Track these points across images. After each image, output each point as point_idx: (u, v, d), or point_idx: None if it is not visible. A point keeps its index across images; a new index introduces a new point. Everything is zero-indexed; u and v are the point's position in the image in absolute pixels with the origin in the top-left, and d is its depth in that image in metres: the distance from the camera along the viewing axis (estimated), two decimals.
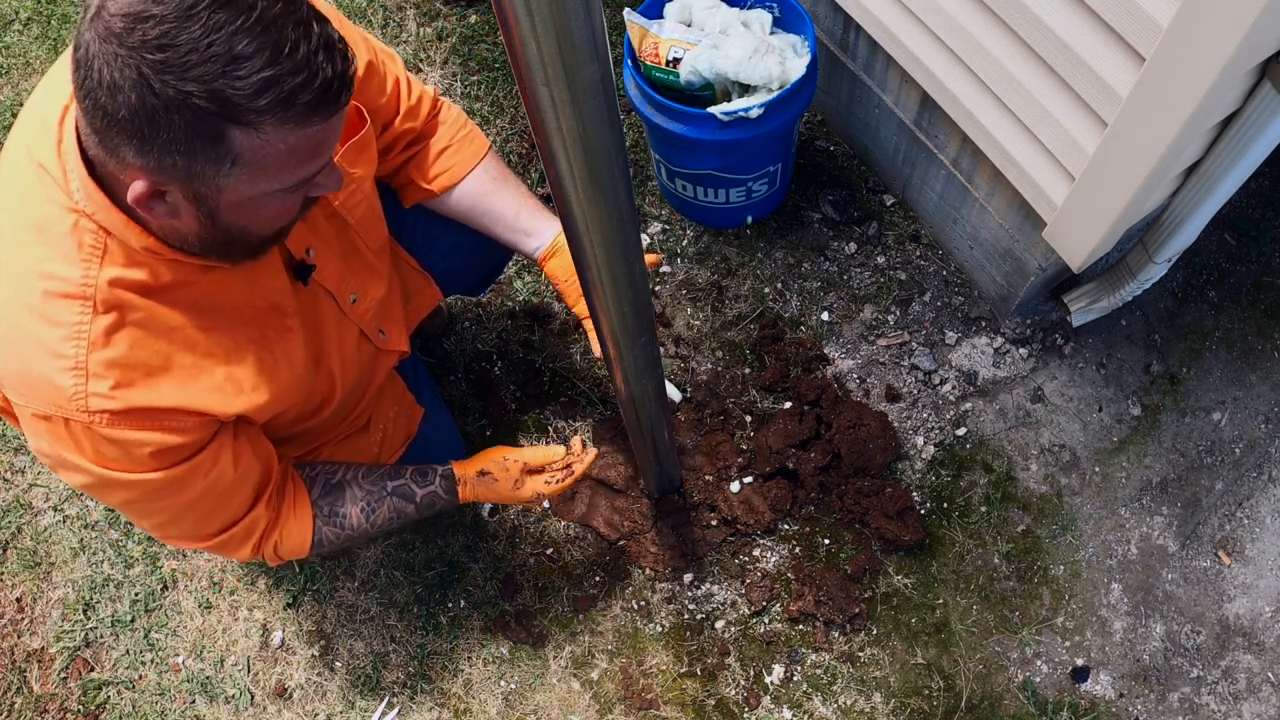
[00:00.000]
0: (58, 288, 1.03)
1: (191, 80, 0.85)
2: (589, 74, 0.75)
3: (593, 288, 1.12)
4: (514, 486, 1.54)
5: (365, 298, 1.41)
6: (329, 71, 0.91)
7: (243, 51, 0.86)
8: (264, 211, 1.02)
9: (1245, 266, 2.19)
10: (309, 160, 0.98)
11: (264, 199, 1.00)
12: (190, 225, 1.01)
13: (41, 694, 2.00)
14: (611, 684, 1.91)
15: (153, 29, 0.84)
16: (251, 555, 1.37)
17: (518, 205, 1.59)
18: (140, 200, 0.94)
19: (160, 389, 1.10)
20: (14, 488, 2.19)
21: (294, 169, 0.98)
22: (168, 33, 0.84)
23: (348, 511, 1.45)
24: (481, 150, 1.57)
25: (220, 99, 0.87)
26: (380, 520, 1.49)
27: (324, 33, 0.91)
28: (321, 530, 1.43)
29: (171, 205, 0.97)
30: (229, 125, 0.89)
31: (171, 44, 0.84)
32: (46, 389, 1.05)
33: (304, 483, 1.44)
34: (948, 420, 2.08)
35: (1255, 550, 1.96)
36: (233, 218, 1.01)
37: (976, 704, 1.86)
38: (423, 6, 2.68)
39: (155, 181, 0.93)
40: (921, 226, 2.28)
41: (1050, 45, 1.46)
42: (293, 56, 0.88)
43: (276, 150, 0.93)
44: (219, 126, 0.89)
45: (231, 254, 1.09)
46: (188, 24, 0.84)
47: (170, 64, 0.85)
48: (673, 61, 1.93)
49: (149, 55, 0.84)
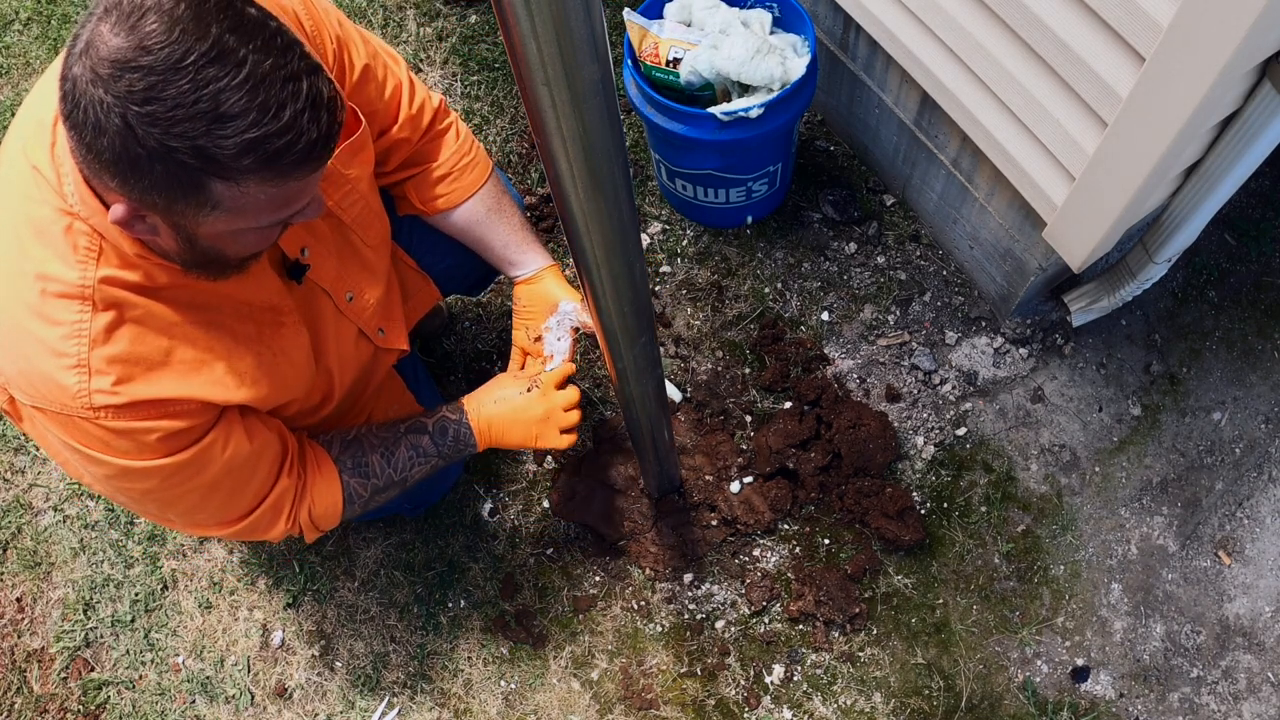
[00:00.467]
0: (56, 288, 1.04)
1: (176, 135, 0.85)
2: (589, 74, 0.75)
3: (593, 288, 1.12)
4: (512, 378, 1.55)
5: (362, 296, 1.41)
6: (314, 133, 0.92)
7: (229, 110, 0.86)
8: (242, 241, 1.04)
9: (1245, 266, 2.19)
10: (289, 205, 1.00)
11: (244, 233, 1.01)
12: (170, 245, 1.02)
13: (41, 694, 2.00)
14: (611, 684, 1.91)
15: (140, 80, 0.84)
16: (286, 530, 1.36)
17: (506, 238, 1.60)
18: (121, 221, 0.95)
19: (161, 382, 1.11)
20: (14, 488, 2.19)
21: (273, 213, 0.99)
22: (155, 85, 0.84)
23: (369, 460, 1.44)
24: (479, 181, 1.57)
25: (203, 155, 0.87)
26: (401, 462, 1.47)
27: (313, 87, 0.91)
28: (349, 484, 1.42)
29: (151, 226, 0.98)
30: (210, 178, 0.90)
31: (158, 97, 0.84)
32: (50, 387, 1.06)
33: (323, 446, 1.43)
34: (948, 420, 2.08)
35: (1255, 550, 1.96)
36: (210, 244, 1.02)
37: (976, 704, 1.86)
38: (423, 6, 2.68)
39: (135, 208, 0.94)
40: (921, 226, 2.28)
41: (1050, 45, 1.46)
42: (279, 118, 0.88)
43: (257, 199, 0.94)
44: (201, 178, 0.90)
45: (212, 272, 1.10)
46: (176, 78, 0.84)
47: (156, 117, 0.84)
48: (673, 62, 1.93)
49: (134, 106, 0.84)
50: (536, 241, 1.63)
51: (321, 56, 1.24)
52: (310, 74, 0.91)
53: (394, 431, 1.48)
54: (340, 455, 1.43)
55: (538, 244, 1.63)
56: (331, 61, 1.27)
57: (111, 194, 0.94)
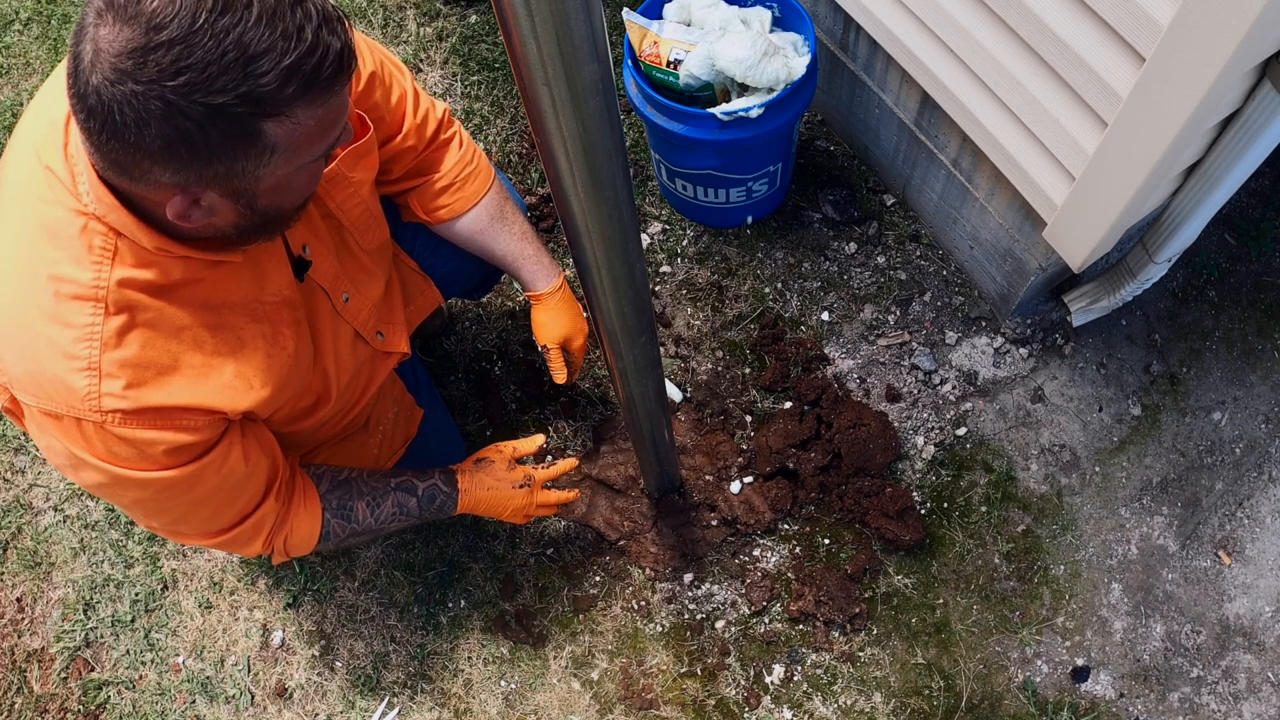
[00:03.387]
0: (69, 290, 1.04)
1: (218, 91, 0.87)
2: (589, 74, 0.75)
3: (593, 288, 1.12)
4: (509, 468, 1.62)
5: (359, 298, 1.42)
6: (337, 43, 0.94)
7: (257, 49, 0.87)
8: (297, 185, 1.06)
9: (1245, 266, 2.19)
10: (334, 126, 1.02)
11: (297, 173, 1.03)
12: (228, 218, 1.03)
13: (41, 694, 2.00)
14: (612, 684, 1.91)
15: (164, 56, 0.84)
16: (261, 550, 1.38)
17: (507, 248, 1.62)
18: (179, 214, 0.97)
19: (171, 387, 1.11)
20: (14, 488, 2.19)
21: (323, 138, 1.01)
22: (180, 55, 0.85)
23: (354, 505, 1.47)
24: (481, 191, 1.58)
25: (251, 99, 0.89)
26: (385, 515, 1.51)
27: (319, 5, 0.93)
28: (330, 523, 1.44)
29: (207, 208, 0.99)
30: (262, 120, 0.91)
31: (188, 64, 0.85)
32: (59, 389, 1.06)
33: (312, 479, 1.45)
34: (948, 420, 2.08)
35: (1255, 550, 1.96)
36: (270, 200, 1.04)
37: (977, 704, 1.86)
38: (423, 6, 2.68)
39: (192, 193, 0.96)
40: (922, 226, 2.28)
41: (1050, 45, 1.46)
42: (304, 39, 0.90)
43: (308, 128, 0.96)
44: (254, 125, 0.91)
45: (266, 232, 1.12)
46: (196, 40, 0.85)
47: (194, 84, 0.86)
48: (673, 63, 1.93)
49: (169, 82, 0.85)
50: (541, 252, 1.65)
51: None
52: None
53: (384, 484, 1.52)
54: (328, 493, 1.45)
55: (543, 255, 1.65)
56: None
57: (162, 190, 0.95)
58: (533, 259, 1.63)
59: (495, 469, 1.62)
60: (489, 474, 1.61)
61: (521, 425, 2.16)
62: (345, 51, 0.95)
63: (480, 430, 2.15)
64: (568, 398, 2.17)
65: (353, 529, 1.48)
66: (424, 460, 1.75)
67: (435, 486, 1.56)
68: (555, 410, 2.16)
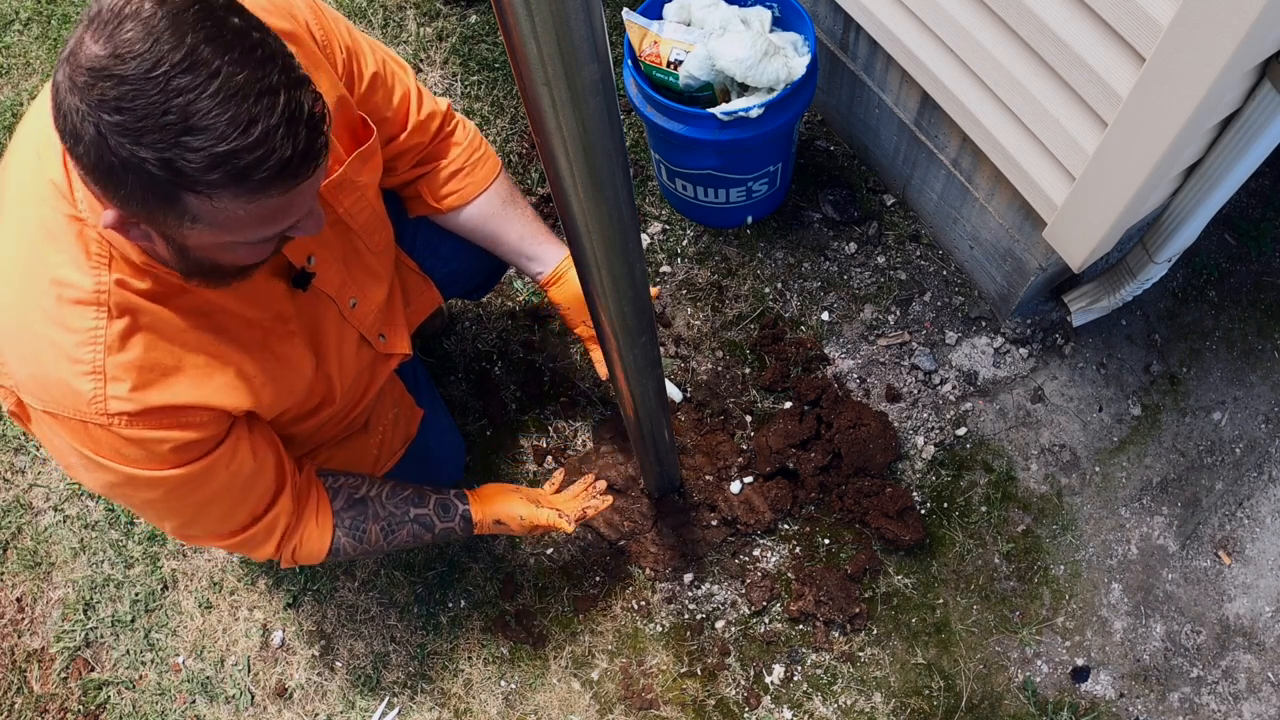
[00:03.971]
0: (71, 294, 1.04)
1: (144, 145, 0.83)
2: (589, 74, 0.75)
3: (593, 288, 1.12)
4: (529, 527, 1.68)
5: (365, 301, 1.42)
6: (288, 150, 0.88)
7: (197, 123, 0.83)
8: (235, 253, 1.02)
9: (1245, 266, 2.18)
10: (274, 221, 0.97)
11: (234, 246, 0.99)
12: (164, 253, 1.01)
13: (41, 694, 2.00)
14: (612, 684, 1.91)
15: (112, 89, 0.82)
16: (272, 554, 1.38)
17: (521, 230, 1.61)
18: (113, 227, 0.93)
19: (176, 388, 1.11)
20: (14, 488, 2.19)
21: (259, 228, 0.96)
22: (125, 95, 0.82)
23: (368, 528, 1.48)
24: (491, 175, 1.58)
25: (170, 168, 0.85)
26: (398, 542, 1.52)
27: (292, 101, 0.88)
28: (341, 540, 1.45)
29: (144, 232, 0.96)
30: (182, 191, 0.88)
31: (128, 107, 0.82)
32: (64, 393, 1.06)
33: (328, 492, 1.45)
34: (948, 420, 2.08)
35: (1255, 550, 1.96)
36: (203, 255, 1.00)
37: (977, 704, 1.86)
38: (423, 6, 2.68)
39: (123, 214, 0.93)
40: (922, 226, 2.28)
41: (1050, 45, 1.46)
42: (249, 133, 0.85)
43: (237, 215, 0.92)
44: (173, 190, 0.87)
45: (211, 281, 1.08)
46: (146, 87, 0.82)
47: (126, 127, 0.83)
48: (674, 64, 1.93)
49: (106, 115, 0.83)
50: (549, 232, 1.65)
51: (332, 65, 1.25)
52: (292, 88, 0.88)
53: (403, 512, 1.52)
54: (341, 510, 1.45)
55: (551, 234, 1.65)
56: (341, 70, 1.27)
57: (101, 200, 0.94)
58: (545, 236, 1.63)
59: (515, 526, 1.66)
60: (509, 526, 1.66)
61: (521, 425, 2.16)
62: (294, 160, 0.89)
63: (480, 430, 2.15)
64: (568, 398, 2.17)
65: (364, 549, 1.49)
66: (423, 459, 1.75)
67: (453, 529, 1.59)
68: (555, 410, 2.16)
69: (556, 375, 2.19)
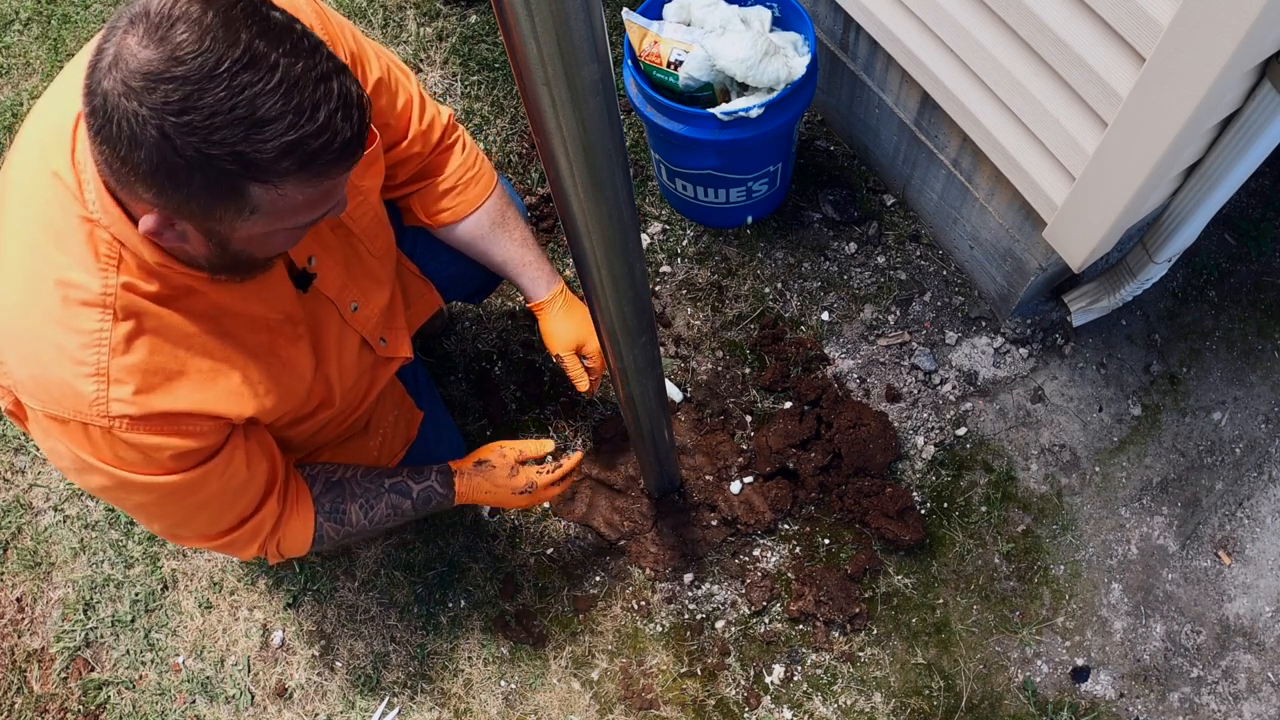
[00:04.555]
0: (77, 295, 1.04)
1: (214, 143, 0.86)
2: (589, 74, 0.75)
3: (593, 288, 1.12)
4: (510, 474, 1.58)
5: (367, 305, 1.42)
6: (348, 131, 0.93)
7: (266, 115, 0.86)
8: (274, 242, 1.05)
9: (1245, 266, 2.18)
10: (323, 204, 1.01)
11: (276, 233, 1.02)
12: (199, 250, 1.03)
13: (41, 694, 2.00)
14: (612, 684, 1.91)
15: (175, 91, 0.84)
16: (257, 553, 1.38)
17: (506, 254, 1.61)
18: (151, 231, 0.96)
19: (178, 393, 1.11)
20: (14, 488, 2.19)
21: (308, 213, 1.00)
22: (190, 95, 0.84)
23: (347, 508, 1.47)
24: (482, 195, 1.57)
25: (243, 160, 0.88)
26: (378, 516, 1.50)
27: (344, 88, 0.92)
28: (323, 526, 1.44)
29: (180, 233, 0.98)
30: (250, 182, 0.91)
31: (195, 106, 0.84)
32: (66, 394, 1.06)
33: (305, 481, 1.45)
34: (948, 420, 2.08)
35: (1255, 550, 1.96)
36: (243, 247, 1.03)
37: (977, 704, 1.86)
38: (423, 6, 2.68)
39: (168, 217, 0.95)
40: (922, 226, 2.28)
41: (1050, 45, 1.46)
42: (314, 119, 0.89)
43: (295, 201, 0.96)
44: (240, 183, 0.91)
45: (238, 273, 1.11)
46: (211, 86, 0.84)
47: (194, 126, 0.85)
48: (674, 64, 1.93)
49: (171, 117, 0.84)
50: (542, 259, 1.64)
51: None
52: (339, 74, 0.92)
53: (378, 485, 1.51)
54: (320, 495, 1.45)
55: (542, 261, 1.64)
56: None
57: (142, 205, 0.95)
58: (533, 266, 1.62)
59: (495, 474, 1.59)
60: (487, 479, 1.58)
61: (521, 425, 2.16)
62: (353, 141, 0.94)
63: (480, 430, 2.15)
64: (568, 398, 2.17)
65: (346, 531, 1.48)
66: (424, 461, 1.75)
67: (431, 489, 1.55)
68: (555, 410, 2.16)
69: (556, 375, 2.19)
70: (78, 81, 0.92)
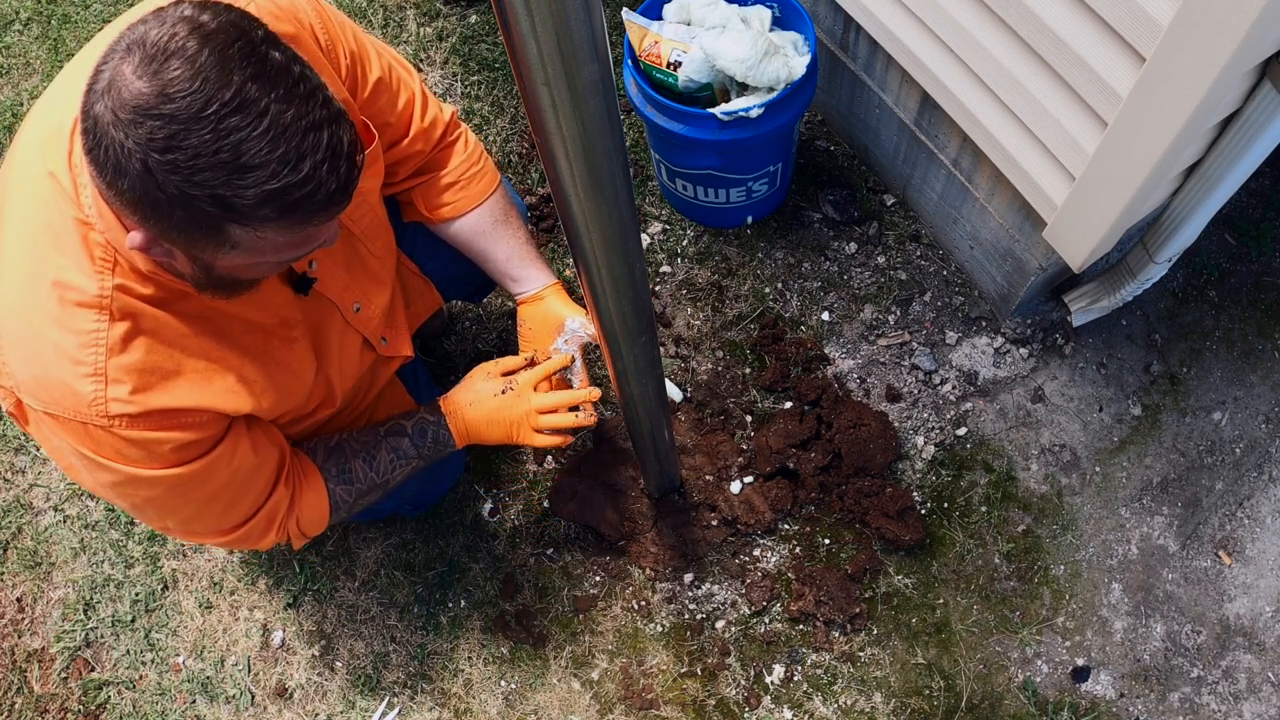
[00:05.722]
0: (74, 296, 1.05)
1: (196, 184, 0.86)
2: (589, 74, 0.75)
3: (593, 288, 1.12)
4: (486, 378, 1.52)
5: (369, 306, 1.42)
6: (333, 184, 0.92)
7: (249, 162, 0.86)
8: (259, 269, 1.06)
9: (1245, 266, 2.18)
10: (307, 244, 1.02)
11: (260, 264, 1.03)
12: (185, 269, 1.03)
13: (42, 694, 2.00)
14: (612, 684, 1.91)
15: (161, 128, 0.84)
16: (275, 540, 1.38)
17: (509, 250, 1.59)
18: (139, 248, 0.96)
19: (176, 391, 1.12)
20: (14, 488, 2.19)
21: (292, 251, 1.01)
22: (176, 134, 0.84)
23: (351, 465, 1.45)
24: (485, 192, 1.57)
25: (222, 204, 0.88)
26: (382, 465, 1.48)
27: (334, 137, 0.91)
28: (335, 491, 1.43)
29: (168, 250, 0.99)
30: (229, 223, 0.91)
31: (179, 146, 0.84)
32: (65, 394, 1.06)
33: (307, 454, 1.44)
34: (948, 420, 2.08)
35: (1256, 550, 1.96)
36: (226, 272, 1.04)
37: (977, 704, 1.86)
38: (423, 6, 2.68)
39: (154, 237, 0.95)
40: (922, 226, 2.28)
41: (1050, 45, 1.46)
42: (299, 169, 0.89)
43: (276, 242, 0.96)
44: (220, 223, 0.91)
45: (225, 293, 1.11)
46: (197, 127, 0.84)
47: (177, 165, 0.85)
48: (673, 64, 1.93)
49: (155, 154, 0.85)
50: (540, 258, 1.63)
51: (335, 69, 1.25)
52: (332, 123, 0.91)
53: (374, 435, 1.49)
54: (325, 463, 1.44)
55: (541, 261, 1.63)
56: (345, 75, 1.28)
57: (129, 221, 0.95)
58: (532, 262, 1.62)
59: (473, 382, 1.53)
60: (466, 389, 1.52)
61: None
62: (338, 193, 0.94)
63: None
64: None
65: (358, 489, 1.45)
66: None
67: (422, 419, 1.50)
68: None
69: None
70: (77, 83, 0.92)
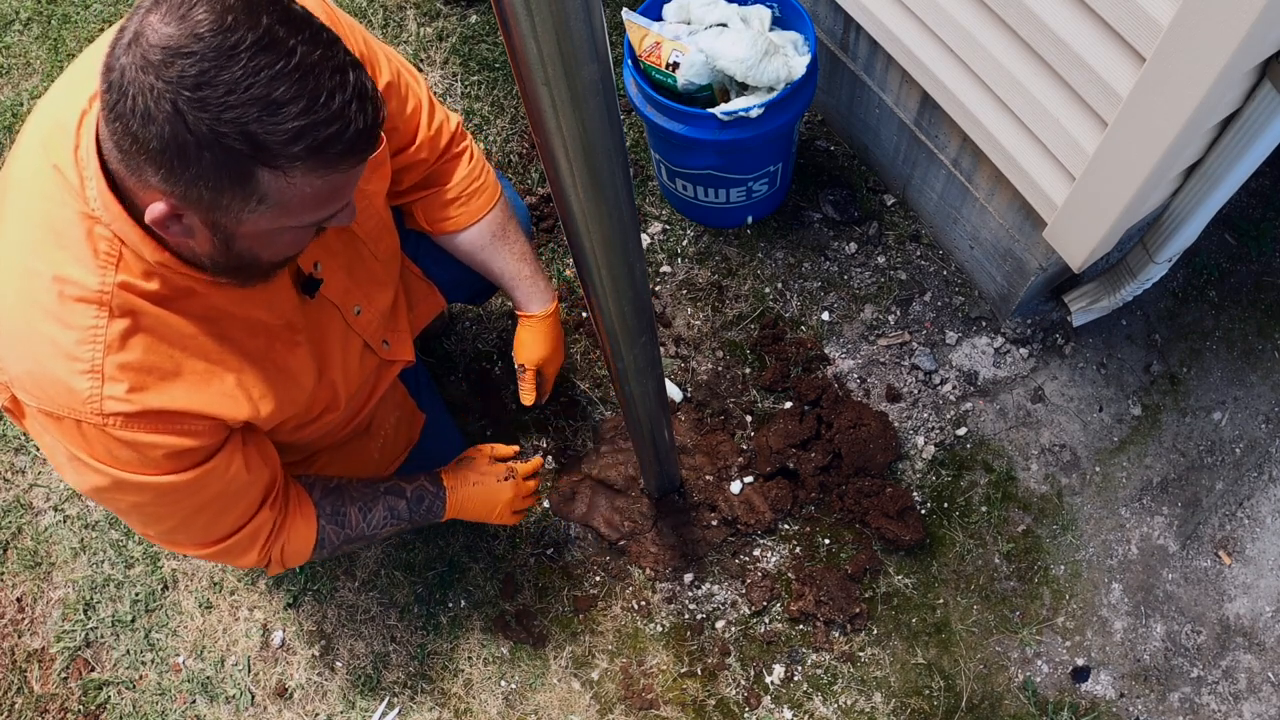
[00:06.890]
0: (74, 292, 1.03)
1: (227, 121, 0.86)
2: (589, 74, 0.75)
3: (593, 288, 1.12)
4: (490, 463, 1.64)
5: (370, 309, 1.42)
6: (361, 123, 0.93)
7: (280, 97, 0.87)
8: (279, 243, 1.05)
9: (1245, 266, 2.18)
10: (331, 202, 1.01)
11: (282, 232, 1.02)
12: (204, 247, 1.02)
13: (42, 694, 2.00)
14: (612, 684, 1.91)
15: (192, 66, 0.85)
16: (257, 560, 1.37)
17: (504, 268, 1.61)
18: (158, 221, 0.95)
19: (173, 392, 1.10)
20: (14, 488, 2.19)
21: (316, 210, 1.00)
22: (206, 71, 0.85)
23: (347, 510, 1.47)
24: (484, 208, 1.58)
25: (254, 141, 0.88)
26: (376, 520, 1.51)
27: (359, 81, 0.93)
28: (325, 529, 1.44)
29: (187, 226, 0.98)
30: (259, 166, 0.91)
31: (210, 83, 0.85)
32: (60, 391, 1.05)
33: (304, 487, 1.45)
34: (948, 420, 2.08)
35: (1255, 550, 1.96)
36: (246, 245, 1.03)
37: (977, 704, 1.86)
38: (423, 6, 2.68)
39: (175, 206, 0.95)
40: (922, 226, 2.28)
41: (1050, 45, 1.46)
42: (328, 105, 0.89)
43: (302, 193, 0.95)
44: (249, 167, 0.90)
45: (241, 276, 1.10)
46: (228, 64, 0.85)
47: (207, 102, 0.85)
48: (673, 65, 1.93)
49: (186, 91, 0.85)
50: (539, 274, 1.65)
51: None
52: (355, 67, 0.93)
53: (373, 489, 1.52)
54: (320, 500, 1.45)
55: (540, 277, 1.65)
56: None
57: (151, 191, 0.94)
58: (529, 281, 1.63)
59: (477, 464, 1.63)
60: (472, 469, 1.62)
61: (521, 425, 2.16)
62: (365, 133, 0.94)
63: (480, 430, 2.15)
64: (568, 398, 2.17)
65: (347, 535, 1.48)
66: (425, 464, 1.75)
67: (422, 487, 1.57)
68: (555, 410, 2.16)
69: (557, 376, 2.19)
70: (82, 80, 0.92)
